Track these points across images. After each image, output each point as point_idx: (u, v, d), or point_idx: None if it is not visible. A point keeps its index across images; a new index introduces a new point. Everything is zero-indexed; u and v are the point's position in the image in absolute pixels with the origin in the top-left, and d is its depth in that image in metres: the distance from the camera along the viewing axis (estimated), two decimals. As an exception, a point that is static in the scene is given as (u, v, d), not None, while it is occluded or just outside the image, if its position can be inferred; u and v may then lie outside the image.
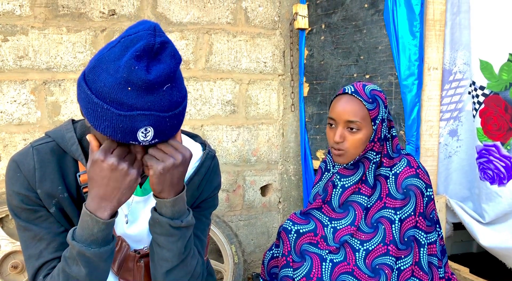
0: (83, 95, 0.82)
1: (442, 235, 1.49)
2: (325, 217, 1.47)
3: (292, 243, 1.44)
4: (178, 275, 1.02)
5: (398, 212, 1.36)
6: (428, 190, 1.42)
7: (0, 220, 2.18)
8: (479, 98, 1.86)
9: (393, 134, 1.44)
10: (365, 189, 1.43)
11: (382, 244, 1.35)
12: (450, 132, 2.08)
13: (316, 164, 2.53)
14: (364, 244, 1.38)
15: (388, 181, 1.41)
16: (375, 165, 1.41)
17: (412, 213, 1.36)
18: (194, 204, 1.14)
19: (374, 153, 1.40)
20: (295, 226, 1.47)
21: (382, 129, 1.39)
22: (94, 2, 2.26)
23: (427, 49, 2.00)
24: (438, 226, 1.46)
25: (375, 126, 1.36)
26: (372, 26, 2.12)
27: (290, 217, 1.52)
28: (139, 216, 1.10)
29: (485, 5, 1.81)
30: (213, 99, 2.52)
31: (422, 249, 1.37)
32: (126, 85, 0.77)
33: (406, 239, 1.35)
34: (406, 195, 1.37)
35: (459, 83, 2.03)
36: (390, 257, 1.34)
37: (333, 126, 1.39)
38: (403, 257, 1.34)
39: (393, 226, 1.36)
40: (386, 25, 2.04)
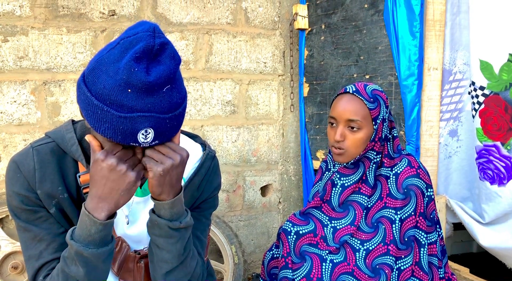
0: (83, 97, 0.82)
1: (442, 235, 1.49)
2: (325, 216, 1.47)
3: (291, 244, 1.44)
4: (178, 276, 1.02)
5: (399, 212, 1.36)
6: (429, 190, 1.42)
7: (0, 220, 2.18)
8: (479, 98, 1.86)
9: (394, 134, 1.44)
10: (365, 189, 1.42)
11: (383, 244, 1.35)
12: (450, 132, 2.08)
13: (316, 164, 2.53)
14: (365, 244, 1.38)
15: (389, 181, 1.41)
16: (375, 165, 1.41)
17: (413, 213, 1.36)
18: (194, 205, 1.14)
19: (374, 153, 1.40)
20: (295, 227, 1.46)
21: (383, 129, 1.39)
22: (94, 3, 2.26)
23: (427, 49, 2.00)
24: (438, 226, 1.46)
25: (376, 125, 1.36)
26: (372, 26, 2.12)
27: (290, 218, 1.52)
28: (139, 216, 1.10)
29: (484, 5, 1.81)
30: (213, 100, 2.52)
31: (423, 249, 1.37)
32: (126, 87, 0.77)
33: (406, 239, 1.35)
34: (406, 195, 1.37)
35: (459, 83, 2.03)
36: (390, 257, 1.34)
37: (334, 125, 1.40)
38: (403, 257, 1.34)
39: (393, 226, 1.35)
40: (386, 26, 2.04)
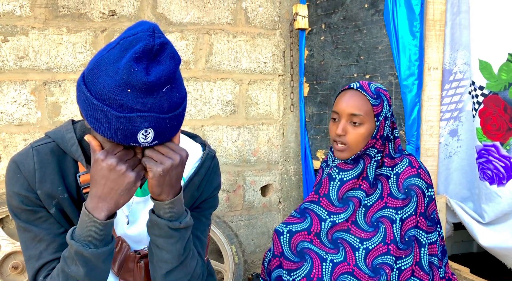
0: (83, 97, 0.82)
1: (443, 235, 1.49)
2: (324, 210, 1.46)
3: (285, 243, 1.43)
4: (178, 276, 1.02)
5: (399, 212, 1.36)
6: (429, 190, 1.42)
7: (1, 220, 2.18)
8: (479, 98, 1.86)
9: (396, 135, 1.44)
10: (365, 186, 1.43)
11: (383, 244, 1.35)
12: (451, 132, 2.08)
13: (316, 164, 2.53)
14: (364, 243, 1.38)
15: (390, 181, 1.41)
16: (376, 162, 1.41)
17: (413, 213, 1.36)
18: (194, 205, 1.14)
19: (375, 150, 1.40)
20: (288, 226, 1.46)
21: (385, 127, 1.39)
22: (94, 3, 2.26)
23: (427, 49, 2.00)
24: (438, 226, 1.46)
25: (378, 122, 1.36)
26: (372, 26, 2.12)
27: (286, 220, 1.52)
28: (139, 216, 1.10)
29: (484, 5, 1.81)
30: (213, 100, 2.52)
31: (423, 249, 1.37)
32: (125, 87, 0.77)
33: (406, 239, 1.35)
34: (407, 195, 1.37)
35: (459, 83, 2.03)
36: (390, 257, 1.34)
37: (337, 120, 1.40)
38: (403, 257, 1.34)
39: (394, 225, 1.36)
40: (386, 25, 2.04)
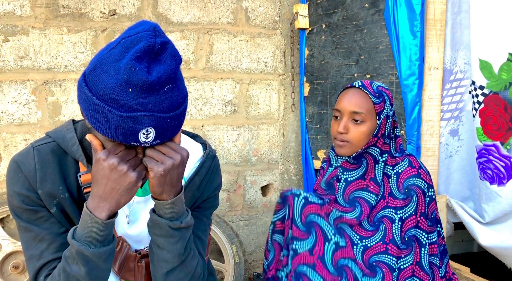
0: (84, 97, 0.82)
1: (443, 235, 1.49)
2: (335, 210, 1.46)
3: (298, 210, 1.42)
4: (179, 276, 1.02)
5: (399, 212, 1.36)
6: (430, 190, 1.42)
7: (1, 220, 2.18)
8: (479, 98, 1.86)
9: (397, 134, 1.45)
10: (373, 187, 1.43)
11: (382, 243, 1.35)
12: (451, 131, 2.07)
13: (317, 163, 2.53)
14: (363, 240, 1.38)
15: (390, 180, 1.41)
16: (384, 163, 1.41)
17: (414, 213, 1.36)
18: (194, 205, 1.14)
19: (377, 149, 1.40)
20: (305, 193, 1.45)
21: (386, 125, 1.39)
22: (95, 2, 2.26)
23: (427, 48, 2.00)
24: (439, 226, 1.46)
25: (380, 120, 1.36)
26: (373, 25, 2.12)
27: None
28: (139, 216, 1.10)
29: (485, 4, 1.81)
30: (214, 99, 2.52)
31: (423, 249, 1.37)
32: (127, 86, 0.77)
33: (407, 239, 1.35)
34: (407, 195, 1.37)
35: (460, 82, 2.03)
36: (389, 256, 1.34)
37: (338, 118, 1.40)
38: (403, 256, 1.34)
39: (393, 225, 1.36)
40: (386, 25, 2.04)
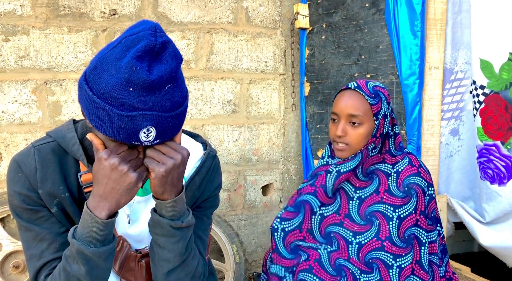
0: (85, 96, 0.82)
1: (443, 234, 1.49)
2: (318, 202, 1.47)
3: (280, 241, 1.44)
4: (179, 276, 1.02)
5: (398, 210, 1.37)
6: (430, 189, 1.42)
7: (2, 219, 2.18)
8: (480, 97, 1.86)
9: (396, 131, 1.44)
10: (353, 179, 1.44)
11: (376, 239, 1.36)
12: (452, 131, 2.07)
13: (317, 163, 2.52)
14: (357, 237, 1.38)
15: (390, 178, 1.42)
16: (367, 158, 1.42)
17: (413, 212, 1.37)
18: (195, 204, 1.14)
19: (372, 145, 1.41)
20: (282, 223, 1.46)
21: (385, 125, 1.39)
22: (95, 2, 2.26)
23: (428, 48, 2.00)
24: (439, 225, 1.46)
25: (377, 121, 1.36)
26: (373, 25, 2.12)
27: (282, 215, 1.50)
28: (140, 216, 1.10)
29: (485, 4, 1.80)
30: (214, 99, 2.52)
31: (423, 248, 1.38)
32: (127, 85, 0.77)
33: (406, 237, 1.35)
34: (407, 193, 1.38)
35: (460, 82, 2.02)
36: (385, 253, 1.34)
37: (336, 121, 1.41)
38: (403, 255, 1.34)
39: (390, 223, 1.36)
40: (387, 25, 2.04)
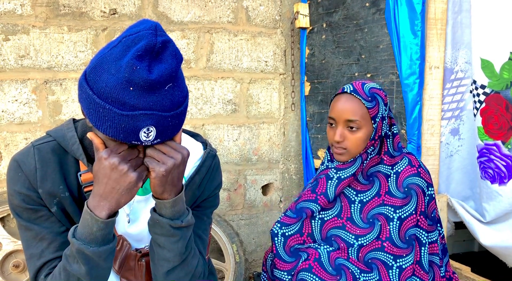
0: (85, 96, 0.82)
1: (443, 234, 1.49)
2: (319, 207, 1.46)
3: (281, 246, 1.43)
4: (179, 275, 1.02)
5: (398, 211, 1.36)
6: (430, 189, 1.42)
7: (2, 219, 2.18)
8: (480, 97, 1.85)
9: (394, 131, 1.43)
10: (355, 184, 1.43)
11: (376, 240, 1.36)
12: (452, 131, 2.07)
13: (317, 163, 2.52)
14: (359, 239, 1.38)
15: (389, 179, 1.41)
16: (366, 161, 1.42)
17: (413, 212, 1.36)
18: (195, 204, 1.14)
19: (372, 147, 1.41)
20: (282, 228, 1.44)
21: (383, 127, 1.39)
22: (95, 1, 2.26)
23: (428, 48, 2.00)
24: (439, 225, 1.46)
25: (375, 124, 1.36)
26: (373, 25, 2.11)
27: (281, 219, 1.49)
28: (140, 215, 1.10)
29: (486, 3, 1.80)
30: (214, 98, 2.52)
31: (423, 248, 1.37)
32: (128, 85, 0.77)
33: (407, 238, 1.35)
34: (407, 194, 1.37)
35: (460, 82, 2.02)
36: (385, 254, 1.34)
37: (333, 125, 1.40)
38: (404, 255, 1.34)
39: (391, 223, 1.35)
40: (387, 24, 2.04)
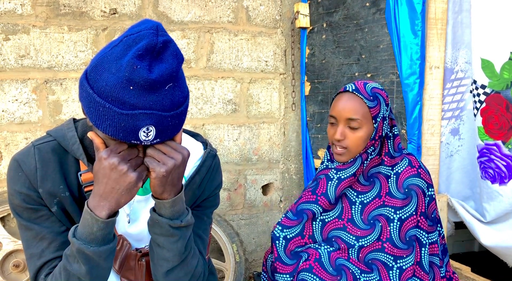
0: (85, 94, 0.82)
1: (444, 234, 1.49)
2: (320, 209, 1.46)
3: (282, 250, 1.42)
4: (179, 275, 1.02)
5: (398, 212, 1.36)
6: (430, 189, 1.42)
7: (2, 218, 2.18)
8: (480, 97, 1.85)
9: (395, 132, 1.43)
10: (356, 185, 1.43)
11: (377, 241, 1.36)
12: (452, 131, 2.07)
13: (317, 163, 2.52)
14: (360, 240, 1.38)
15: (390, 180, 1.41)
16: (367, 161, 1.42)
17: (414, 213, 1.36)
18: (195, 203, 1.14)
19: (372, 148, 1.41)
20: (284, 231, 1.43)
21: (383, 127, 1.39)
22: (96, 1, 2.26)
23: (428, 48, 2.00)
24: (439, 226, 1.46)
25: (376, 124, 1.36)
26: (374, 25, 2.11)
27: (282, 221, 1.47)
28: (140, 215, 1.10)
29: (486, 3, 1.80)
30: (215, 98, 2.52)
31: (424, 249, 1.37)
32: (128, 84, 0.77)
33: (407, 239, 1.35)
34: (407, 194, 1.37)
35: (460, 82, 2.02)
36: (385, 255, 1.34)
37: (334, 124, 1.40)
38: (404, 256, 1.34)
39: (391, 224, 1.35)
40: (387, 24, 2.04)
